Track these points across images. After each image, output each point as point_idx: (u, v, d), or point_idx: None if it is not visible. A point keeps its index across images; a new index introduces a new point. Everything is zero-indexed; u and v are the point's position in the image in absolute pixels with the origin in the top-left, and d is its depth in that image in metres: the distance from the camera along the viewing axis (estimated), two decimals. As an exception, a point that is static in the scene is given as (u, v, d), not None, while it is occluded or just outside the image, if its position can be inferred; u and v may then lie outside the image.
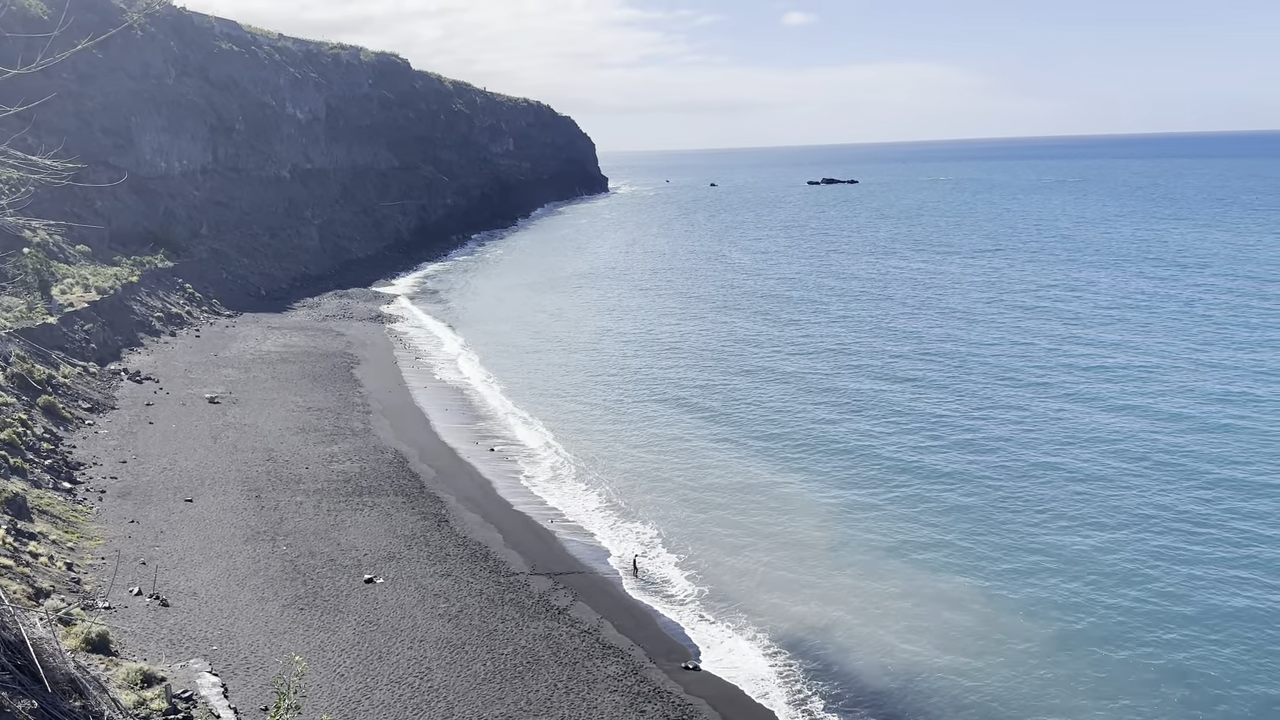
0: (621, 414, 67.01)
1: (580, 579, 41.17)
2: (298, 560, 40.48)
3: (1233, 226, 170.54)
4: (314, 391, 69.67)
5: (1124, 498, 48.72)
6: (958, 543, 44.22)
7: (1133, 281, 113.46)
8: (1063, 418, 61.68)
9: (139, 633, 33.07)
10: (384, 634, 34.56)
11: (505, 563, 41.84)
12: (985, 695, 32.57)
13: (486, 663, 32.96)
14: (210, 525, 43.90)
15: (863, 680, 33.78)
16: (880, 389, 70.57)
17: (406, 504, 48.11)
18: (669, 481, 53.61)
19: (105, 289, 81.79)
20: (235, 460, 53.39)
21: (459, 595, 38.18)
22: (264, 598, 36.77)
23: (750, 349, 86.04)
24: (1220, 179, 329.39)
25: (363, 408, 65.84)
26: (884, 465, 54.55)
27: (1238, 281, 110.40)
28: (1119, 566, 41.46)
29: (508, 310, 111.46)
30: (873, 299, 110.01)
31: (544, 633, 35.49)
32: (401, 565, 40.69)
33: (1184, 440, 56.51)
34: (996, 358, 78.23)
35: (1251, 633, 35.95)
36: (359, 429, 60.66)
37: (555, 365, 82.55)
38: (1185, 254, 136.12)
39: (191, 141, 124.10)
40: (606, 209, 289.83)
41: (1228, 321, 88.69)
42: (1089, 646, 35.49)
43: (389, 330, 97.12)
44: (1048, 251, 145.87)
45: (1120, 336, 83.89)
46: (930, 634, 36.55)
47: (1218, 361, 74.05)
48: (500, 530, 45.69)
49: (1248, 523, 45.09)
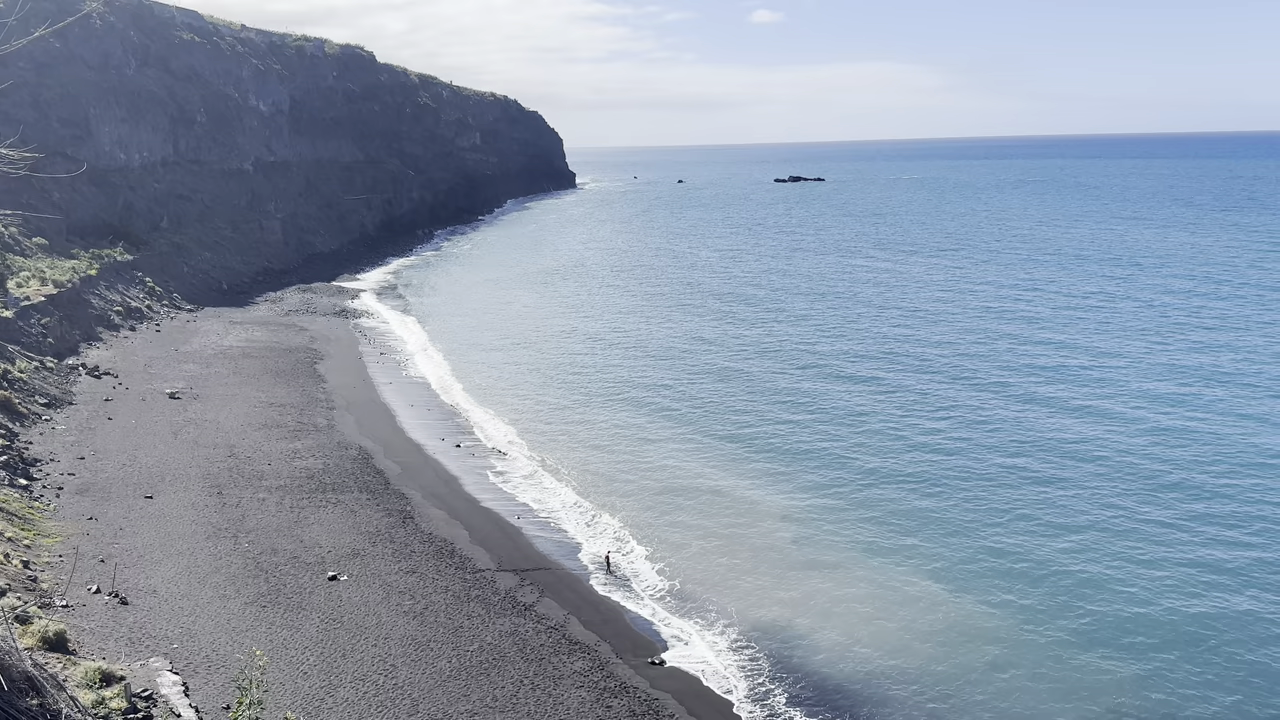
0: (587, 411, 66.91)
1: (547, 575, 41.10)
2: (260, 557, 40.07)
3: (1189, 226, 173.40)
4: (276, 387, 68.97)
5: (1084, 500, 49.21)
6: (920, 544, 44.49)
7: (1092, 281, 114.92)
8: (1023, 419, 62.34)
9: (98, 631, 32.57)
10: (348, 631, 34.31)
11: (471, 559, 41.68)
12: (944, 694, 32.78)
13: (452, 659, 32.83)
14: (171, 522, 43.31)
15: (825, 676, 33.94)
16: (843, 390, 70.98)
17: (371, 500, 47.76)
18: (635, 479, 53.62)
19: (63, 282, 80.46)
20: (196, 456, 52.73)
21: (424, 592, 37.97)
22: (225, 595, 36.36)
23: (714, 348, 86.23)
24: (1175, 179, 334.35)
25: (326, 403, 65.27)
26: (846, 466, 54.80)
27: (1194, 282, 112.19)
28: (1079, 569, 41.81)
29: (474, 306, 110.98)
30: (837, 298, 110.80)
31: (510, 629, 35.40)
32: (365, 562, 40.40)
33: (1143, 441, 57.34)
34: (958, 358, 78.92)
35: (1211, 636, 36.23)
36: (322, 425, 60.14)
37: (521, 362, 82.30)
38: (1143, 254, 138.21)
39: (152, 133, 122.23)
40: (574, 205, 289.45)
41: (1186, 322, 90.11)
42: (1048, 648, 35.65)
43: (354, 325, 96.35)
44: (1009, 251, 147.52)
45: (1080, 337, 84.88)
46: (892, 633, 36.77)
47: (1176, 362, 75.18)
48: (466, 526, 45.52)
49: (1207, 526, 45.78)
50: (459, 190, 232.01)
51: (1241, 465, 52.68)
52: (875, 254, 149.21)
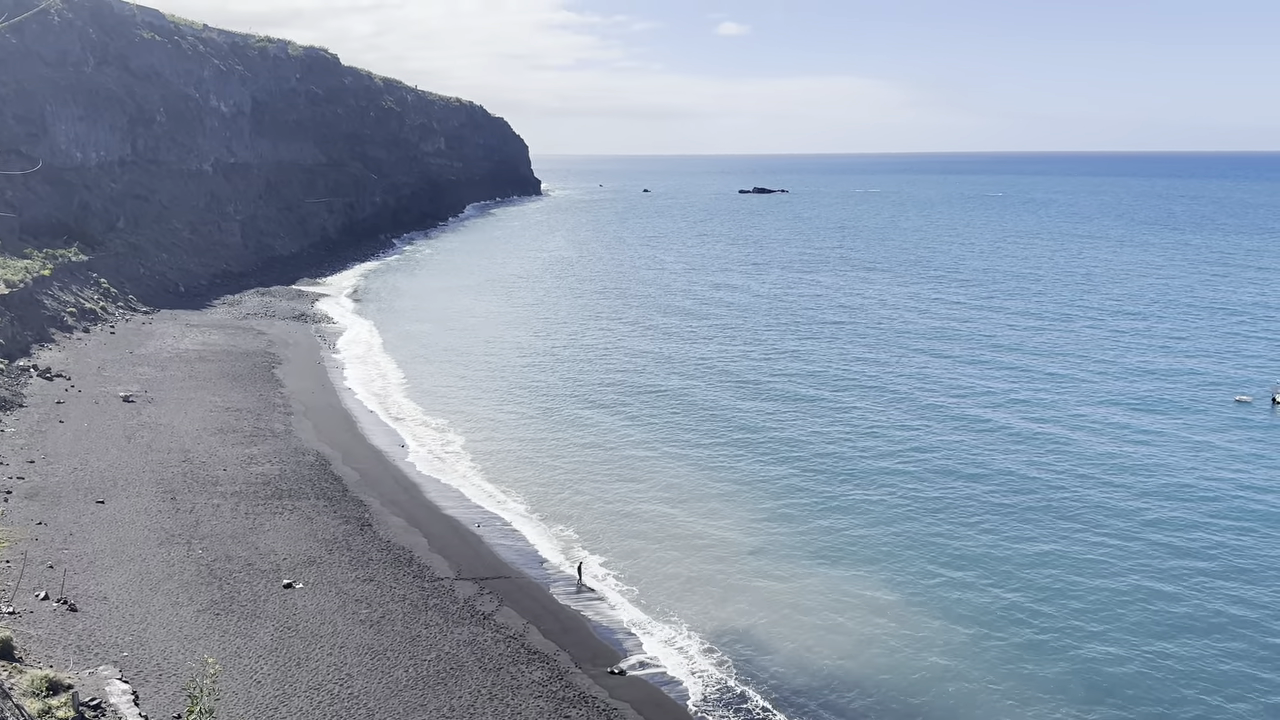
0: (549, 418, 66.75)
1: (507, 584, 40.80)
2: (214, 564, 39.44)
3: (1141, 243, 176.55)
4: (233, 391, 68.07)
5: (1043, 508, 49.87)
6: (880, 551, 44.85)
7: (1048, 294, 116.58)
8: (983, 429, 63.07)
9: (45, 638, 31.86)
10: (303, 640, 33.84)
11: (430, 567, 41.29)
12: (904, 696, 32.97)
13: (409, 669, 32.47)
14: (122, 527, 42.54)
15: (786, 683, 33.97)
16: (796, 408, 71.37)
17: (328, 507, 47.21)
18: (596, 486, 53.52)
19: (14, 282, 78.91)
20: (150, 461, 51.87)
21: (381, 600, 37.55)
22: (178, 602, 35.74)
23: (674, 358, 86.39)
24: (1132, 198, 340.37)
25: (284, 408, 64.51)
26: (809, 473, 55.12)
27: (1145, 295, 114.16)
28: (1038, 576, 42.38)
29: (435, 312, 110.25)
30: (792, 315, 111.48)
31: (468, 638, 35.08)
32: (322, 570, 39.90)
33: (1099, 450, 58.21)
34: (922, 369, 79.74)
35: (1164, 641, 36.85)
36: (280, 430, 59.41)
37: (482, 369, 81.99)
38: (1096, 269, 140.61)
39: (110, 132, 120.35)
40: (538, 211, 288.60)
41: (1139, 331, 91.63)
42: (1007, 651, 36.09)
43: (313, 330, 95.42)
44: (966, 266, 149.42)
45: (1040, 346, 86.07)
46: (849, 642, 36.92)
47: (1135, 366, 76.61)
48: (425, 534, 45.12)
49: (1165, 534, 46.51)
50: (422, 195, 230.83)
51: (1183, 485, 53.53)
52: (838, 269, 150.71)
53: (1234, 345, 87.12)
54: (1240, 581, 41.54)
